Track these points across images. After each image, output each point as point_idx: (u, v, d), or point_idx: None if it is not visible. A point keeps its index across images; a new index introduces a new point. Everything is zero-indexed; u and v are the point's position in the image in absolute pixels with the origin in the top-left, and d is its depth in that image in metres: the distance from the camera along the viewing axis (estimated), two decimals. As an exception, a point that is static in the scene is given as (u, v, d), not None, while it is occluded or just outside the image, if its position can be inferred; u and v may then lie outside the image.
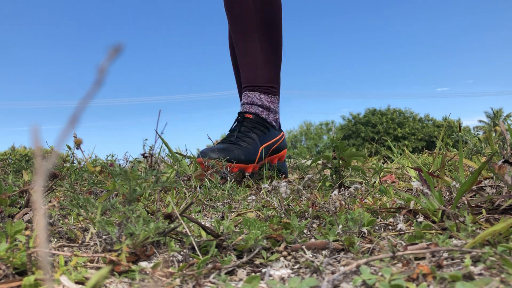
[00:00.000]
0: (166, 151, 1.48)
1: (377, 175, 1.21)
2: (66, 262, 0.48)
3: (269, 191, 0.81)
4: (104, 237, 0.57)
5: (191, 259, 0.49)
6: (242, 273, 0.46)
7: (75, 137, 1.19)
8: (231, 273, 0.46)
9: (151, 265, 0.48)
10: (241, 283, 0.43)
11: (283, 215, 0.74)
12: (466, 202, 0.66)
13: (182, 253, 0.52)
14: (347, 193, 0.87)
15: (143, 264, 0.49)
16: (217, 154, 1.23)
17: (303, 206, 0.78)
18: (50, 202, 0.61)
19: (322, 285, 0.39)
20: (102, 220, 0.53)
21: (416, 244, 0.51)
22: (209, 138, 2.02)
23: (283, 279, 0.44)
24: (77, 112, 0.20)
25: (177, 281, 0.43)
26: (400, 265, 0.46)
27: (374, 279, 0.40)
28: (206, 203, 0.96)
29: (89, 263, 0.48)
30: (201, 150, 1.30)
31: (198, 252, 0.50)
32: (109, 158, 1.40)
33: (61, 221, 0.69)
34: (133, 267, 0.45)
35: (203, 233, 0.56)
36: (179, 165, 1.26)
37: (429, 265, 0.43)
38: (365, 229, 0.59)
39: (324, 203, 0.75)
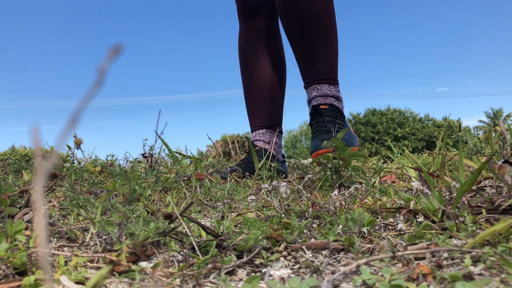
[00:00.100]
0: (166, 151, 1.48)
1: (377, 175, 1.21)
2: (66, 262, 0.48)
3: (269, 191, 0.81)
4: (104, 237, 0.57)
5: (191, 259, 0.49)
6: (242, 273, 0.46)
7: (75, 137, 1.19)
8: (231, 273, 0.46)
9: (151, 265, 0.48)
10: (241, 283, 0.43)
11: (283, 215, 0.74)
12: (466, 202, 0.66)
13: (182, 253, 0.52)
14: (347, 193, 0.87)
15: (143, 264, 0.49)
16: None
17: (303, 206, 0.78)
18: (50, 202, 0.61)
19: (322, 285, 0.39)
20: (102, 220, 0.53)
21: (416, 244, 0.51)
22: (209, 138, 2.02)
23: (283, 279, 0.44)
24: (77, 112, 0.20)
25: (177, 281, 0.43)
26: (400, 265, 0.46)
27: (374, 279, 0.40)
28: (206, 203, 0.96)
29: (89, 263, 0.48)
30: (317, 142, 1.26)
31: (198, 252, 0.50)
32: (109, 158, 1.40)
33: (61, 221, 0.69)
34: (133, 267, 0.45)
35: (203, 233, 0.56)
36: (179, 165, 1.26)
37: (429, 265, 0.43)
38: (365, 229, 0.59)
39: (324, 203, 0.75)
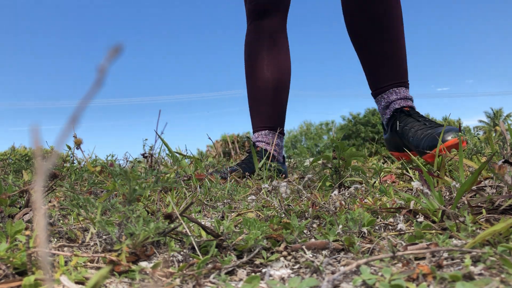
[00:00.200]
0: (166, 151, 1.48)
1: (377, 175, 1.21)
2: (66, 262, 0.48)
3: (269, 191, 0.81)
4: (104, 237, 0.57)
5: (191, 259, 0.49)
6: (242, 273, 0.46)
7: (75, 137, 1.19)
8: (231, 273, 0.46)
9: (151, 265, 0.48)
10: (241, 283, 0.43)
11: (283, 215, 0.74)
12: (466, 202, 0.66)
13: (182, 253, 0.52)
14: (347, 193, 0.87)
15: (143, 264, 0.49)
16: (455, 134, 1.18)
17: (303, 206, 0.78)
18: (50, 202, 0.61)
19: (322, 285, 0.39)
20: (102, 220, 0.53)
21: (416, 244, 0.51)
22: (209, 138, 2.02)
23: (283, 279, 0.44)
24: (77, 112, 0.20)
25: (177, 281, 0.43)
26: (400, 265, 0.46)
27: (374, 279, 0.40)
28: (206, 203, 0.96)
29: (89, 263, 0.48)
30: (432, 136, 1.22)
31: (198, 252, 0.50)
32: (109, 158, 1.40)
33: (61, 221, 0.69)
34: (133, 267, 0.45)
35: (203, 233, 0.56)
36: (179, 165, 1.26)
37: (429, 265, 0.43)
38: (365, 229, 0.59)
39: (324, 203, 0.75)
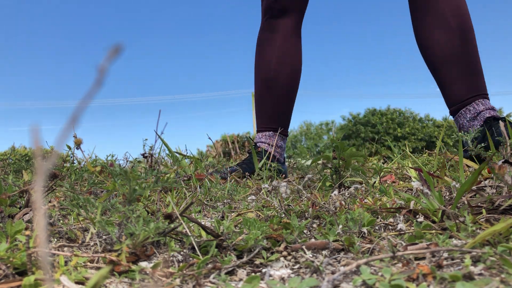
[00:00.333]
0: (166, 151, 1.48)
1: (377, 175, 1.21)
2: (66, 262, 0.48)
3: (269, 191, 0.81)
4: (104, 237, 0.57)
5: (191, 259, 0.49)
6: (242, 273, 0.46)
7: (75, 137, 1.19)
8: (231, 273, 0.46)
9: (151, 265, 0.48)
10: (241, 283, 0.43)
11: (283, 215, 0.74)
12: (466, 202, 0.66)
13: (182, 253, 0.52)
14: (347, 193, 0.87)
15: (143, 264, 0.49)
16: None
17: (303, 206, 0.78)
18: (50, 202, 0.61)
19: (322, 285, 0.39)
20: (102, 220, 0.53)
21: (416, 244, 0.51)
22: (209, 138, 2.02)
23: (283, 279, 0.44)
24: (77, 112, 0.20)
25: (177, 281, 0.43)
26: (400, 265, 0.46)
27: (374, 279, 0.40)
28: (206, 203, 0.96)
29: (89, 263, 0.48)
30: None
31: (198, 252, 0.50)
32: (109, 158, 1.40)
33: (61, 221, 0.69)
34: (133, 267, 0.45)
35: (203, 233, 0.56)
36: (179, 165, 1.26)
37: (429, 265, 0.43)
38: (365, 229, 0.59)
39: (324, 203, 0.75)
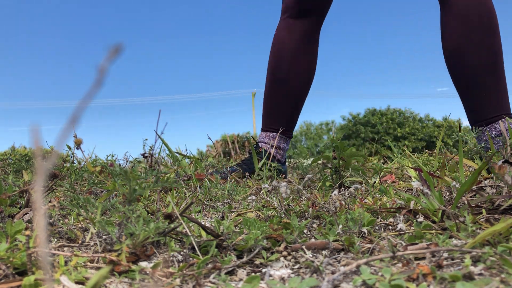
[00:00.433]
0: (166, 151, 1.49)
1: (377, 175, 1.21)
2: (66, 262, 0.48)
3: (269, 191, 0.81)
4: (104, 237, 0.57)
5: (191, 259, 0.49)
6: (242, 273, 0.46)
7: (75, 137, 1.19)
8: (231, 273, 0.46)
9: (151, 265, 0.48)
10: (241, 283, 0.43)
11: (283, 215, 0.74)
12: (466, 202, 0.66)
13: (182, 253, 0.52)
14: (347, 193, 0.87)
15: (143, 264, 0.49)
16: None
17: (303, 206, 0.78)
18: (50, 202, 0.61)
19: (322, 285, 0.39)
20: (102, 220, 0.53)
21: (416, 244, 0.51)
22: (209, 138, 2.02)
23: (283, 279, 0.44)
24: (77, 112, 0.20)
25: (177, 281, 0.43)
26: (400, 265, 0.46)
27: (374, 279, 0.40)
28: (206, 203, 0.96)
29: (89, 263, 0.48)
30: None
31: (198, 252, 0.50)
32: (109, 158, 1.40)
33: (61, 221, 0.69)
34: (133, 267, 0.45)
35: (203, 233, 0.56)
36: (179, 165, 1.26)
37: (429, 265, 0.43)
38: (365, 229, 0.59)
39: (324, 203, 0.75)
